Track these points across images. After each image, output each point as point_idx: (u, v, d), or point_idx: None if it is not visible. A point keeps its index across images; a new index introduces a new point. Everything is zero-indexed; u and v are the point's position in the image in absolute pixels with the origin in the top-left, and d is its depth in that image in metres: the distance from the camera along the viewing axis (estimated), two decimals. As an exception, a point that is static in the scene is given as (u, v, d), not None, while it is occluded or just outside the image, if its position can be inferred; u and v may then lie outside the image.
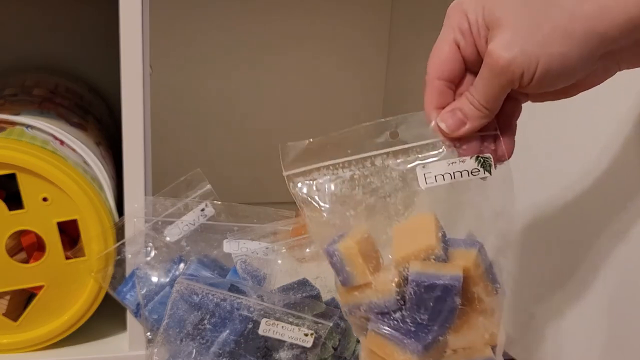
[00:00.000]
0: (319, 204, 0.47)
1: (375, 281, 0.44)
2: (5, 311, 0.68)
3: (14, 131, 0.68)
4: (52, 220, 0.66)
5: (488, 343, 0.45)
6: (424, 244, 0.43)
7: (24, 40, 0.96)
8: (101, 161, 0.72)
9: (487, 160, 0.45)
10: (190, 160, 1.05)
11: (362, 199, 0.46)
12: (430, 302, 0.42)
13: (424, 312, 0.43)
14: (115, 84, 0.64)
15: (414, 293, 0.43)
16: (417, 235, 0.45)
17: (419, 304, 0.43)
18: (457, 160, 0.45)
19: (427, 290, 0.42)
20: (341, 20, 1.07)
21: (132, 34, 0.62)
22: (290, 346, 0.60)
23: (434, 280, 0.42)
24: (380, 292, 0.44)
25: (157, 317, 0.64)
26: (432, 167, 0.45)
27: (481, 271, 0.45)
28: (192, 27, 1.02)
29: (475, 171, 0.45)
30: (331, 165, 0.46)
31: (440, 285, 0.42)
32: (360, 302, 0.45)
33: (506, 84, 0.44)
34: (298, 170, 0.48)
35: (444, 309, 0.43)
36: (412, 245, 0.44)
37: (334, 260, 0.46)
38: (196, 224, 0.68)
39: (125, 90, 0.64)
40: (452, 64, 0.47)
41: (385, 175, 0.45)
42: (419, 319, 0.43)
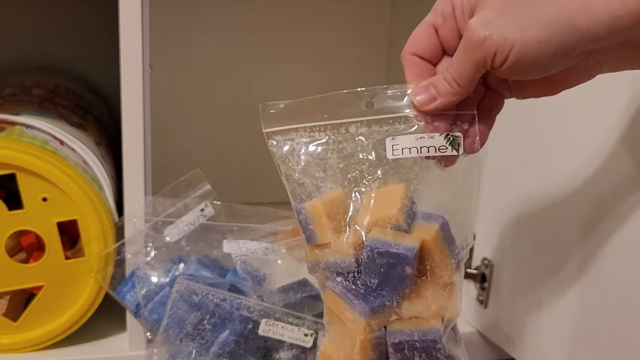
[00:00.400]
0: (293, 162, 0.48)
1: (335, 242, 0.46)
2: (5, 311, 0.68)
3: (14, 131, 0.68)
4: (52, 220, 0.66)
5: (437, 315, 0.46)
6: (385, 212, 0.45)
7: (24, 40, 0.96)
8: (101, 161, 0.72)
9: (456, 138, 0.46)
10: (190, 160, 1.05)
11: (334, 163, 0.47)
12: (382, 269, 0.44)
13: (375, 277, 0.44)
14: (115, 84, 0.65)
15: (367, 258, 0.44)
16: (385, 204, 0.46)
17: (371, 268, 0.44)
18: (425, 136, 0.46)
19: (380, 257, 0.44)
20: (341, 20, 1.07)
21: (132, 34, 0.62)
22: (290, 346, 0.60)
23: (387, 248, 0.44)
24: (338, 253, 0.45)
25: (157, 317, 0.64)
26: (400, 140, 0.46)
27: (440, 246, 0.46)
28: (192, 27, 1.02)
29: (442, 148, 0.46)
30: (308, 127, 0.48)
31: (393, 254, 0.44)
32: (320, 260, 0.47)
33: (479, 60, 0.44)
34: (277, 128, 0.50)
35: (394, 276, 0.44)
36: (376, 213, 0.45)
37: (300, 218, 0.48)
38: (196, 224, 0.68)
39: (125, 90, 0.64)
40: (425, 44, 0.48)
41: (358, 143, 0.47)
42: (369, 282, 0.45)
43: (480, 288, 0.74)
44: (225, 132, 1.07)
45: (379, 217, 0.45)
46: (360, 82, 1.11)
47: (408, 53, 0.49)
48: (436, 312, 0.46)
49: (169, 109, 1.02)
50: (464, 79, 0.45)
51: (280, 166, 0.49)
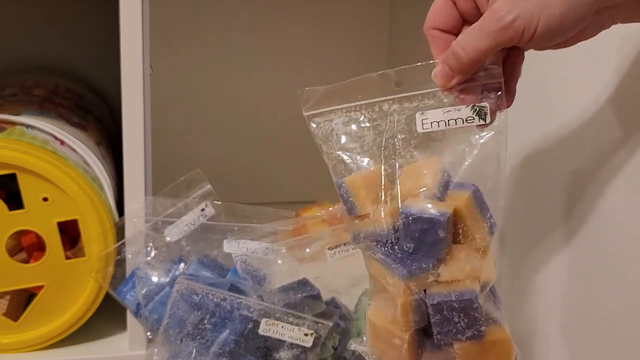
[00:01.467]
0: (334, 141, 0.52)
1: (373, 212, 0.49)
2: (6, 311, 0.68)
3: (14, 131, 0.68)
4: (52, 220, 0.66)
5: (473, 276, 0.48)
6: (421, 183, 0.49)
7: (24, 40, 0.96)
8: (101, 161, 0.72)
9: (482, 108, 0.48)
10: (190, 160, 1.05)
11: (370, 139, 0.51)
12: (417, 234, 0.47)
13: (410, 242, 0.48)
14: (116, 84, 0.65)
15: (402, 224, 0.48)
16: (420, 175, 0.50)
17: (406, 234, 0.47)
18: (452, 109, 0.48)
19: (414, 223, 0.47)
20: (341, 21, 1.07)
21: (133, 34, 0.63)
22: (290, 346, 0.60)
23: (420, 214, 0.47)
24: (376, 222, 0.49)
25: (157, 317, 0.64)
26: (429, 114, 0.49)
27: (473, 211, 0.49)
28: (193, 27, 1.02)
29: (470, 119, 0.48)
30: (345, 108, 0.52)
31: (426, 219, 0.47)
32: (360, 230, 0.50)
33: (505, 41, 0.46)
34: (317, 111, 0.53)
35: (429, 241, 0.47)
36: (411, 184, 0.49)
37: (341, 191, 0.51)
38: (196, 224, 0.68)
39: (125, 90, 0.64)
40: (445, 17, 0.50)
41: (391, 119, 0.50)
42: (405, 247, 0.48)
43: None
44: (225, 132, 1.07)
45: (414, 187, 0.49)
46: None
47: (429, 28, 0.51)
48: (471, 274, 0.48)
49: (169, 109, 1.02)
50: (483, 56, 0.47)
51: (321, 146, 0.53)
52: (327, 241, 0.67)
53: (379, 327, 0.50)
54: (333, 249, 0.67)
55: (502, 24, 0.45)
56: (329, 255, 0.67)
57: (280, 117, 1.09)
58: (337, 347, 0.63)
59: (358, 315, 0.66)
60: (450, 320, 0.47)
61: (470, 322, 0.47)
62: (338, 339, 0.63)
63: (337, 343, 0.63)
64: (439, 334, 0.48)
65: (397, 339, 0.49)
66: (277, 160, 1.11)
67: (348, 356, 0.64)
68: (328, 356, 0.63)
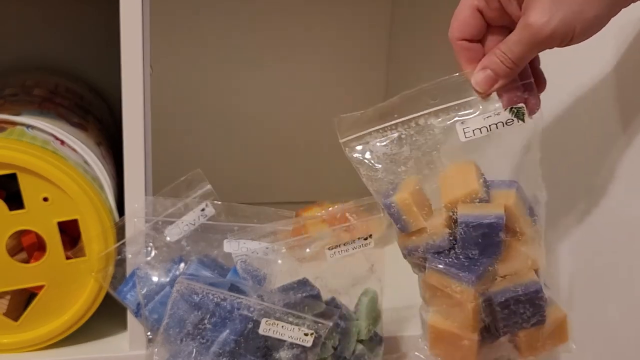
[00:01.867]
0: (373, 163, 0.53)
1: (429, 226, 0.51)
2: (6, 311, 0.68)
3: (15, 131, 0.68)
4: (52, 220, 0.66)
5: (531, 268, 0.51)
6: (468, 188, 0.50)
7: (24, 40, 0.96)
8: (102, 161, 0.72)
9: (520, 110, 0.50)
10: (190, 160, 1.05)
11: (410, 155, 0.53)
12: (479, 239, 0.49)
13: (474, 248, 0.49)
14: (116, 84, 0.65)
15: (463, 232, 0.49)
16: (461, 181, 0.51)
17: (468, 241, 0.49)
18: (492, 114, 0.50)
19: (475, 229, 0.49)
20: (341, 21, 1.07)
21: (133, 34, 0.63)
22: (291, 346, 0.60)
23: (480, 220, 0.49)
24: (434, 234, 0.51)
25: (157, 316, 0.64)
26: (469, 123, 0.50)
27: (520, 207, 0.51)
28: (193, 28, 1.02)
29: (509, 121, 0.50)
30: (380, 128, 0.53)
31: (486, 224, 0.49)
32: (418, 245, 0.52)
33: (544, 48, 0.48)
34: (352, 136, 0.54)
35: (491, 243, 0.49)
36: (457, 191, 0.51)
37: (392, 211, 0.53)
38: (196, 223, 0.68)
39: (125, 91, 0.64)
40: (472, 26, 0.51)
41: (429, 132, 0.52)
42: (470, 254, 0.50)
43: None
44: (225, 132, 1.08)
45: (464, 194, 0.50)
46: (360, 81, 1.12)
47: (456, 39, 0.52)
48: (531, 266, 0.50)
49: (169, 109, 1.02)
50: (524, 61, 0.49)
51: (359, 169, 0.54)
52: (327, 241, 0.67)
53: (443, 331, 0.52)
54: (333, 249, 0.67)
55: (542, 36, 0.47)
56: (329, 255, 0.67)
57: (281, 117, 1.09)
58: (337, 346, 0.63)
59: (358, 315, 0.66)
60: (517, 312, 0.49)
61: (535, 310, 0.49)
62: (338, 338, 0.63)
63: (337, 343, 0.63)
64: (504, 327, 0.50)
65: (466, 341, 0.51)
66: (277, 160, 1.11)
67: (348, 356, 0.65)
68: (328, 356, 0.63)
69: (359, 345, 0.66)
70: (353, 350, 0.65)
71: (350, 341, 0.64)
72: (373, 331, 0.67)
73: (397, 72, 1.07)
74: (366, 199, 0.68)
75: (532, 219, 0.51)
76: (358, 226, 0.67)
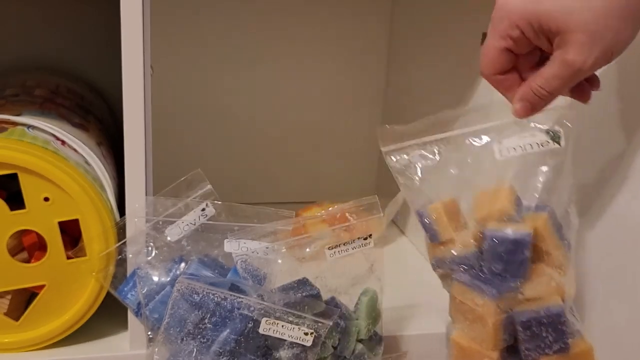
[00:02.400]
0: (411, 173, 0.55)
1: (457, 238, 0.52)
2: (7, 311, 0.69)
3: (15, 131, 0.68)
4: (53, 220, 0.66)
5: (557, 293, 0.51)
6: (499, 206, 0.52)
7: (25, 40, 0.96)
8: (102, 161, 0.73)
9: (556, 133, 0.52)
10: (191, 160, 1.05)
11: (447, 170, 0.55)
12: (503, 255, 0.50)
13: (498, 263, 0.51)
14: (117, 85, 0.65)
15: (489, 247, 0.51)
16: (495, 200, 0.53)
17: (493, 256, 0.51)
18: (527, 135, 0.52)
19: (500, 245, 0.50)
20: (341, 21, 1.07)
21: (133, 35, 0.63)
22: (291, 345, 0.60)
23: (506, 236, 0.50)
24: (462, 247, 0.52)
25: (157, 316, 0.64)
26: (506, 142, 0.52)
27: (551, 230, 0.52)
28: (193, 28, 1.02)
29: (545, 143, 0.52)
30: (421, 142, 0.55)
31: (512, 240, 0.50)
32: (445, 256, 0.53)
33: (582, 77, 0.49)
34: (394, 146, 0.56)
35: (516, 260, 0.50)
36: (489, 208, 0.52)
37: (423, 220, 0.55)
38: (197, 223, 0.68)
39: (126, 91, 0.64)
40: (502, 63, 0.52)
41: (467, 150, 0.54)
42: (494, 269, 0.51)
43: None
44: (225, 132, 1.08)
45: (494, 211, 0.52)
46: (361, 80, 1.12)
47: (490, 75, 0.52)
48: (555, 290, 0.51)
49: (170, 110, 1.02)
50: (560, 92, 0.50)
51: (398, 178, 0.56)
52: (327, 241, 0.67)
53: (466, 348, 0.53)
54: (333, 249, 0.67)
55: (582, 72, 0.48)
56: (329, 255, 0.67)
57: (281, 117, 1.09)
58: (337, 346, 0.64)
59: (358, 314, 0.67)
60: (539, 336, 0.49)
61: (557, 336, 0.49)
62: (338, 338, 0.63)
63: (337, 342, 0.63)
64: (527, 350, 0.50)
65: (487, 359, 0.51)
66: (277, 160, 1.11)
67: (348, 355, 0.65)
68: (328, 355, 0.63)
69: (359, 345, 0.66)
70: (353, 349, 0.65)
71: (350, 340, 0.65)
72: (373, 330, 0.67)
73: (397, 72, 1.08)
74: (366, 199, 0.68)
75: (561, 242, 0.52)
76: (358, 226, 0.67)
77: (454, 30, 0.87)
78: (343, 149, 1.12)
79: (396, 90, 1.08)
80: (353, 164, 1.13)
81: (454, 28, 0.87)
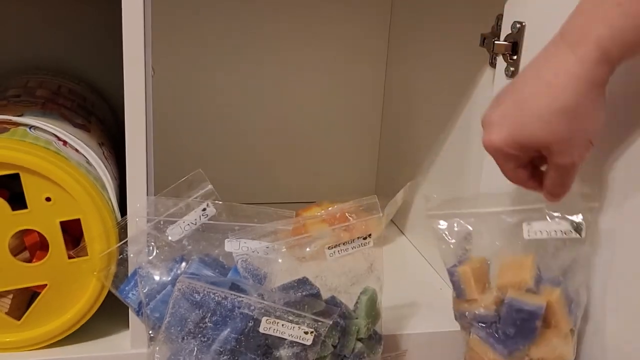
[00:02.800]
0: (449, 238, 0.63)
1: (480, 299, 0.59)
2: (8, 310, 0.69)
3: (17, 132, 0.68)
4: (55, 220, 0.66)
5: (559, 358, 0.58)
6: (520, 277, 0.58)
7: (26, 41, 0.97)
8: (104, 161, 0.73)
9: (579, 224, 0.58)
10: (192, 160, 1.06)
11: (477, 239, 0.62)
12: (517, 322, 0.57)
13: (512, 328, 0.57)
14: (118, 85, 0.65)
15: (506, 312, 0.57)
16: (517, 270, 0.59)
17: (509, 321, 0.57)
18: (554, 222, 0.59)
19: (516, 313, 0.57)
20: (341, 20, 1.07)
21: (135, 36, 0.63)
22: (291, 344, 0.60)
23: (522, 306, 0.57)
24: (483, 307, 0.59)
25: (158, 315, 0.64)
26: (534, 225, 0.59)
27: (562, 304, 0.58)
28: (194, 28, 1.03)
29: (568, 232, 0.59)
30: (460, 213, 0.62)
31: (527, 310, 0.56)
32: (467, 311, 0.60)
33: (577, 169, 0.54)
34: (439, 212, 0.63)
35: (527, 327, 0.57)
36: (511, 277, 0.59)
37: (453, 279, 0.62)
38: (197, 223, 0.68)
39: (127, 92, 0.64)
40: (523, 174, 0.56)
41: (498, 226, 0.61)
42: (507, 332, 0.57)
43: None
44: (226, 133, 1.08)
45: (515, 281, 0.58)
46: (360, 81, 1.12)
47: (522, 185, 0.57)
48: (558, 357, 0.58)
49: (171, 110, 1.03)
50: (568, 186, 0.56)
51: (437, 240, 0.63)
52: (327, 240, 0.67)
53: None
54: (333, 248, 0.67)
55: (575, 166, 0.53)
56: (329, 255, 0.67)
57: (281, 117, 1.10)
58: (337, 345, 0.64)
59: (357, 313, 0.67)
60: None
61: None
62: (338, 337, 0.63)
63: (337, 341, 0.64)
64: None
65: None
66: (277, 160, 1.11)
67: (347, 354, 0.65)
68: (328, 354, 0.63)
69: (359, 344, 0.66)
70: (352, 348, 0.65)
71: (350, 339, 0.65)
72: (372, 329, 0.68)
73: (397, 73, 1.08)
74: (366, 199, 0.68)
75: (571, 317, 0.58)
76: (357, 226, 0.67)
77: (453, 29, 0.87)
78: (343, 149, 1.13)
79: (396, 91, 1.08)
80: (353, 164, 1.14)
81: (454, 28, 0.87)
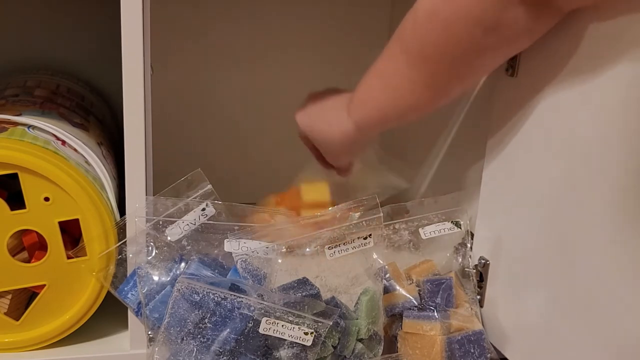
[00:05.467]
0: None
1: (402, 289, 0.72)
2: (7, 310, 0.69)
3: (16, 131, 0.68)
4: (53, 220, 0.66)
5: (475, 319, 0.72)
6: (428, 266, 0.75)
7: (25, 41, 0.96)
8: (103, 161, 0.73)
9: (458, 222, 0.77)
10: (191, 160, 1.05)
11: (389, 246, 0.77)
12: (439, 292, 0.71)
13: (436, 298, 0.71)
14: (117, 85, 0.65)
15: (430, 289, 0.71)
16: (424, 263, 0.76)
17: (433, 294, 0.71)
18: (440, 224, 0.77)
19: (437, 285, 0.71)
20: (342, 21, 1.07)
21: (134, 35, 0.63)
22: (291, 345, 0.60)
23: (439, 279, 0.72)
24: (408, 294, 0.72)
25: (158, 316, 0.64)
26: (427, 228, 0.77)
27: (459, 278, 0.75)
28: (193, 28, 1.02)
29: (451, 228, 0.77)
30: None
31: (444, 281, 0.71)
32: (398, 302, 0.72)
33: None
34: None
35: (448, 295, 0.71)
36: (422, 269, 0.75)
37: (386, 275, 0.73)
38: (197, 223, 0.68)
39: (126, 91, 0.64)
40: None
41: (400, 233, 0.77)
42: (432, 303, 0.71)
43: (478, 287, 0.76)
44: (226, 132, 1.08)
45: (425, 268, 0.75)
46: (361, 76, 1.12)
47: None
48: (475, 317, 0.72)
49: (170, 110, 1.02)
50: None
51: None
52: (327, 240, 0.67)
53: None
54: (333, 248, 0.67)
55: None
56: (329, 255, 0.67)
57: (281, 117, 1.10)
58: (337, 345, 0.64)
59: (357, 314, 0.67)
60: (469, 352, 0.68)
61: (481, 351, 0.68)
62: (337, 337, 0.63)
63: (337, 342, 0.63)
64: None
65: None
66: (277, 160, 1.11)
67: (347, 355, 0.65)
68: (327, 355, 0.63)
69: (359, 344, 0.66)
70: (353, 349, 0.65)
71: (350, 340, 0.65)
72: (373, 330, 0.67)
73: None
74: (366, 199, 0.68)
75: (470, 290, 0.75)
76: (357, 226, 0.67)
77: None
78: (343, 149, 1.12)
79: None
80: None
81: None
